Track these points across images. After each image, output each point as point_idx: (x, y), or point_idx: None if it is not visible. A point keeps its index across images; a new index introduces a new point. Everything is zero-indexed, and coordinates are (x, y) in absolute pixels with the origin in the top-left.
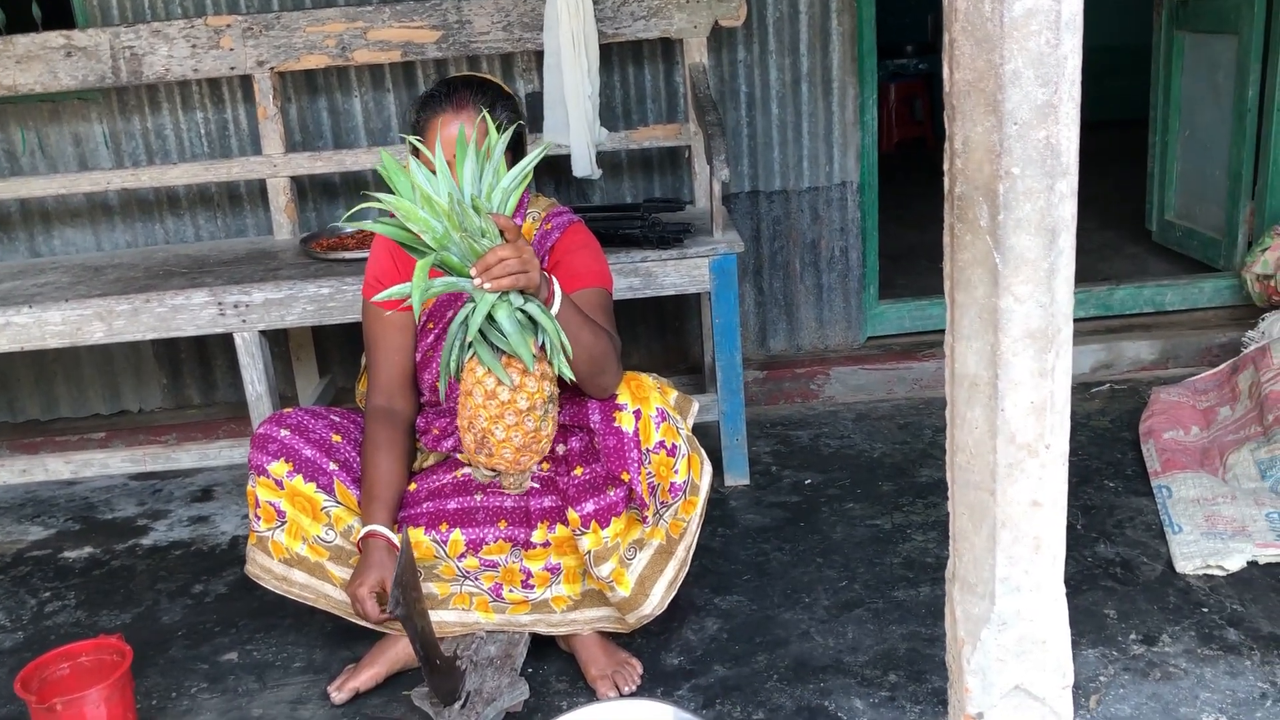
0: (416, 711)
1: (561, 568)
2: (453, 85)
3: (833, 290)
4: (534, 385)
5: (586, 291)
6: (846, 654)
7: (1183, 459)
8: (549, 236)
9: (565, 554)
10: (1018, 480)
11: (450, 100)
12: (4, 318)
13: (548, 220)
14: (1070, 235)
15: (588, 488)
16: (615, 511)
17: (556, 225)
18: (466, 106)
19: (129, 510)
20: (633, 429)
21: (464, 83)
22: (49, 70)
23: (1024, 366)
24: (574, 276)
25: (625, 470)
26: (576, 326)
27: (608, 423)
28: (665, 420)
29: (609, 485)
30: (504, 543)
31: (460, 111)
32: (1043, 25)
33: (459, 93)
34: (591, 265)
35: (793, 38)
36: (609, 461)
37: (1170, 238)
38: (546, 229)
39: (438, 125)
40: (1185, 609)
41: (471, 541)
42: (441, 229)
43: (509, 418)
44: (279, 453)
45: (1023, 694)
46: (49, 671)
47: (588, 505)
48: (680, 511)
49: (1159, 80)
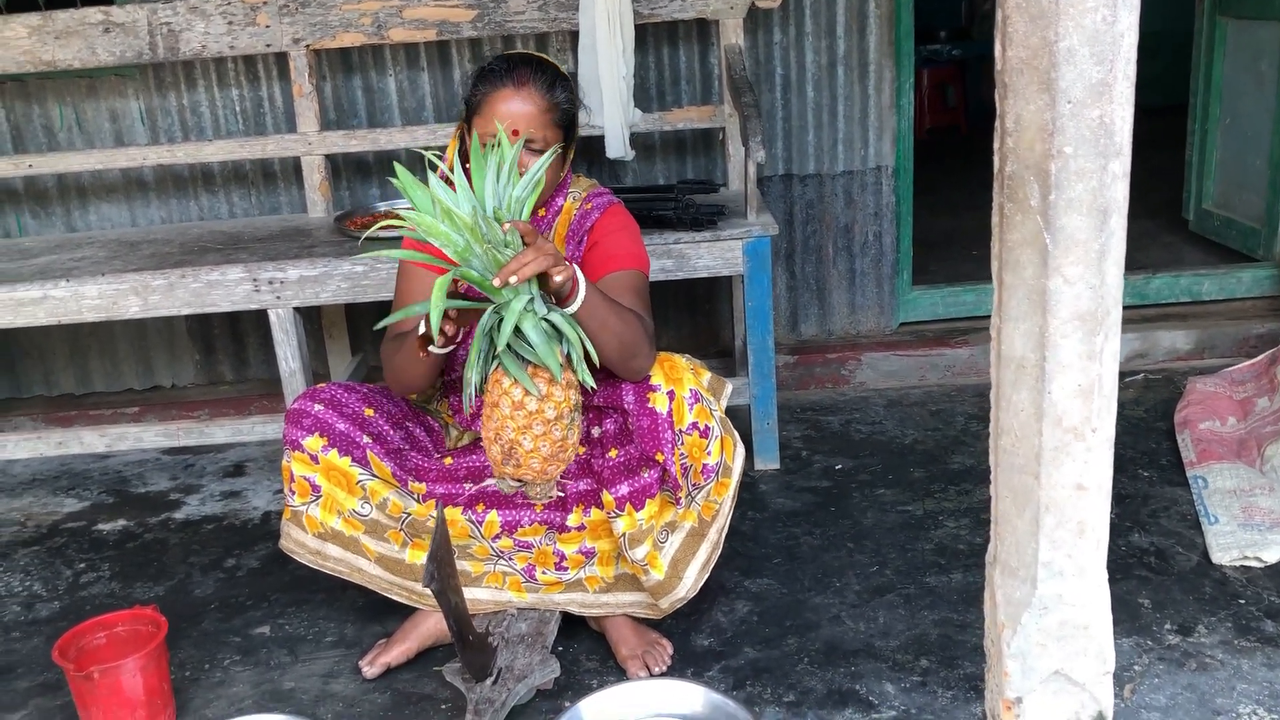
0: (448, 687)
1: (596, 551)
2: (512, 61)
3: (865, 275)
4: (560, 395)
5: (621, 274)
6: (877, 638)
7: (1219, 449)
8: (589, 216)
9: (600, 537)
10: (1063, 464)
11: (511, 76)
12: (42, 291)
13: (588, 200)
14: (1122, 217)
15: (622, 470)
16: (649, 493)
17: (597, 205)
18: (527, 84)
19: (161, 484)
20: (666, 410)
21: (523, 60)
22: (87, 46)
23: (1072, 349)
24: (609, 258)
25: (659, 451)
26: (605, 313)
27: (641, 404)
28: (699, 402)
29: (643, 467)
30: (539, 525)
31: (521, 88)
32: (1099, 2)
33: (519, 69)
34: (628, 247)
35: (829, 20)
36: (643, 442)
37: (1208, 227)
38: (587, 209)
39: (496, 100)
40: (1221, 600)
41: (507, 523)
42: (463, 242)
43: (537, 428)
44: (313, 427)
45: (1062, 679)
46: (86, 640)
47: (622, 488)
48: (713, 494)
49: (1199, 67)
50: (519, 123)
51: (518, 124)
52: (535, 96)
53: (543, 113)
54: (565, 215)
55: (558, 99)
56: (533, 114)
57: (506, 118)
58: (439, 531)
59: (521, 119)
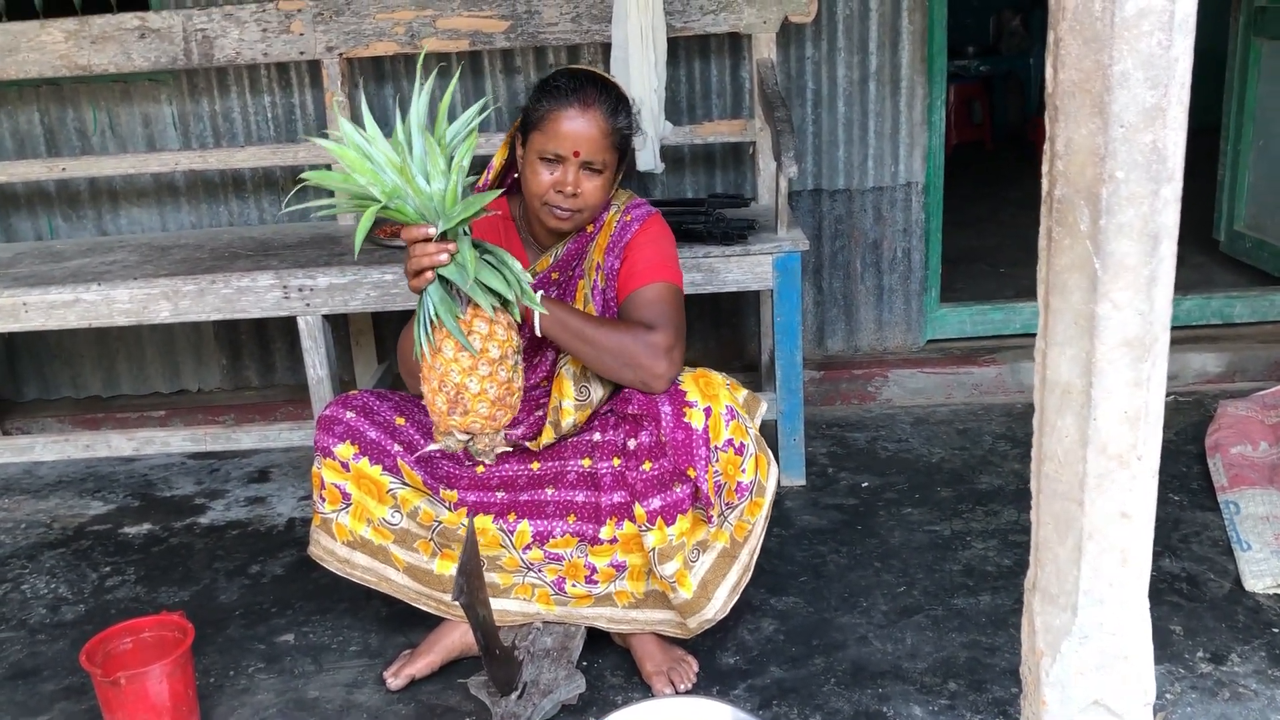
0: (472, 699)
1: (627, 565)
2: (579, 80)
3: (893, 292)
4: (503, 333)
5: (644, 290)
6: (905, 660)
7: (1251, 475)
8: (627, 229)
9: (631, 551)
10: (1107, 491)
11: (578, 96)
12: (74, 294)
13: (627, 212)
14: (1172, 242)
15: (655, 483)
16: (681, 509)
17: (636, 217)
18: (592, 106)
19: (187, 489)
20: (702, 426)
21: (589, 79)
22: (122, 51)
23: (1119, 375)
24: (634, 275)
25: (692, 467)
26: (570, 336)
27: (677, 418)
28: (734, 419)
29: (676, 482)
30: (571, 537)
31: (586, 110)
32: (1154, 26)
33: (586, 90)
34: (655, 261)
35: (862, 35)
36: (676, 457)
37: (1239, 249)
38: (626, 220)
39: (561, 119)
40: (1255, 628)
41: (539, 533)
42: (392, 182)
43: (482, 368)
44: (345, 435)
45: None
46: (112, 645)
47: (654, 501)
48: (746, 513)
49: (1233, 88)
50: (580, 144)
51: (579, 145)
52: (599, 119)
53: (604, 136)
54: (607, 227)
55: (620, 124)
56: (595, 137)
57: (569, 138)
58: (468, 544)
59: (584, 141)
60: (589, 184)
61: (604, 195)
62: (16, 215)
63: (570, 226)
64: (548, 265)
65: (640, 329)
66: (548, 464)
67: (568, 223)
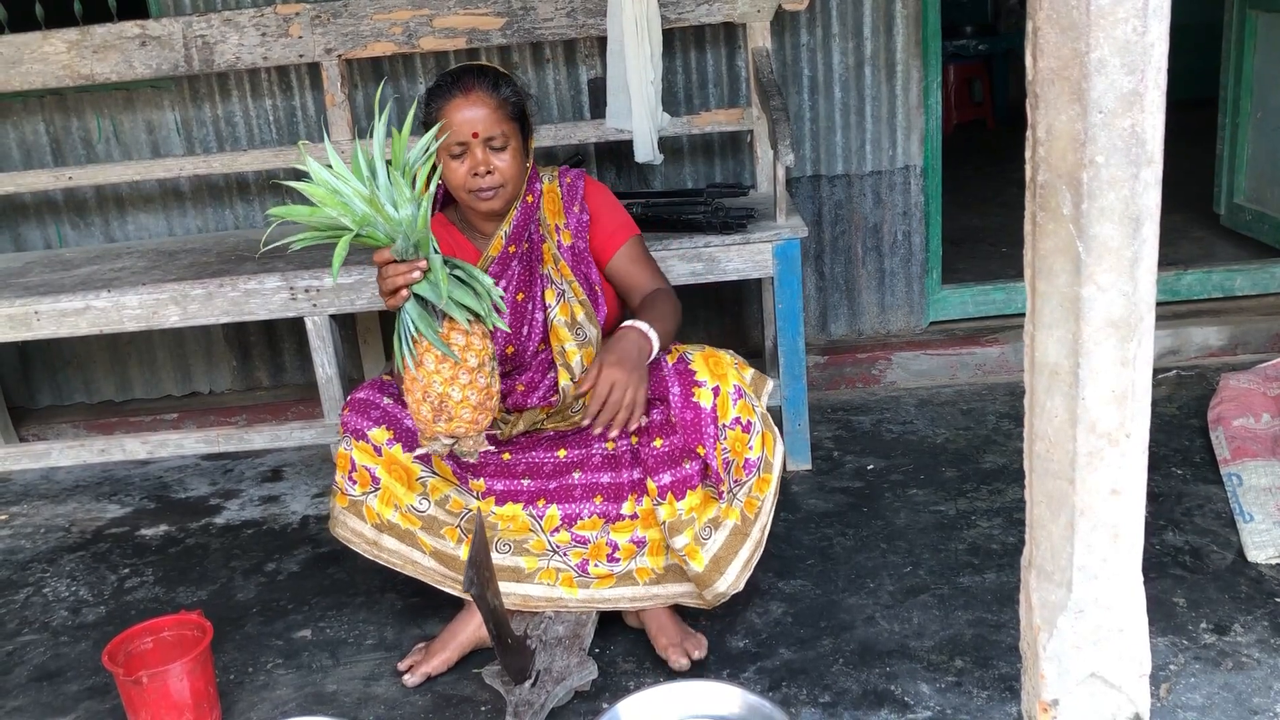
0: (487, 689)
1: (647, 541)
2: (454, 74)
3: (895, 275)
4: (479, 343)
5: (629, 246)
6: (912, 639)
7: (1254, 447)
8: (575, 188)
9: (650, 526)
10: (1097, 469)
11: (458, 85)
12: (84, 301)
13: (563, 176)
14: (1154, 224)
15: (666, 459)
16: (690, 484)
17: (575, 176)
18: (473, 89)
19: (201, 489)
20: (710, 405)
21: (464, 69)
22: (124, 59)
23: (1105, 355)
24: (615, 233)
25: (701, 444)
26: (668, 337)
27: (686, 397)
28: (742, 397)
29: (685, 458)
30: (597, 518)
31: (469, 93)
32: (1130, 13)
33: (463, 78)
34: (621, 218)
35: (856, 21)
36: (686, 435)
37: (1239, 221)
38: (568, 182)
39: (450, 110)
40: (1258, 599)
41: (567, 516)
42: (361, 210)
43: (463, 376)
44: (381, 419)
45: (1099, 681)
46: (133, 645)
47: (665, 477)
48: (754, 489)
49: (1230, 60)
50: (476, 125)
51: (475, 127)
52: (483, 97)
53: (494, 110)
54: (550, 195)
55: (504, 95)
56: (486, 115)
57: (463, 124)
58: (478, 536)
59: (478, 122)
60: (499, 160)
61: (518, 165)
62: (25, 224)
63: (501, 204)
64: (501, 246)
65: (663, 294)
66: (574, 451)
67: (496, 200)
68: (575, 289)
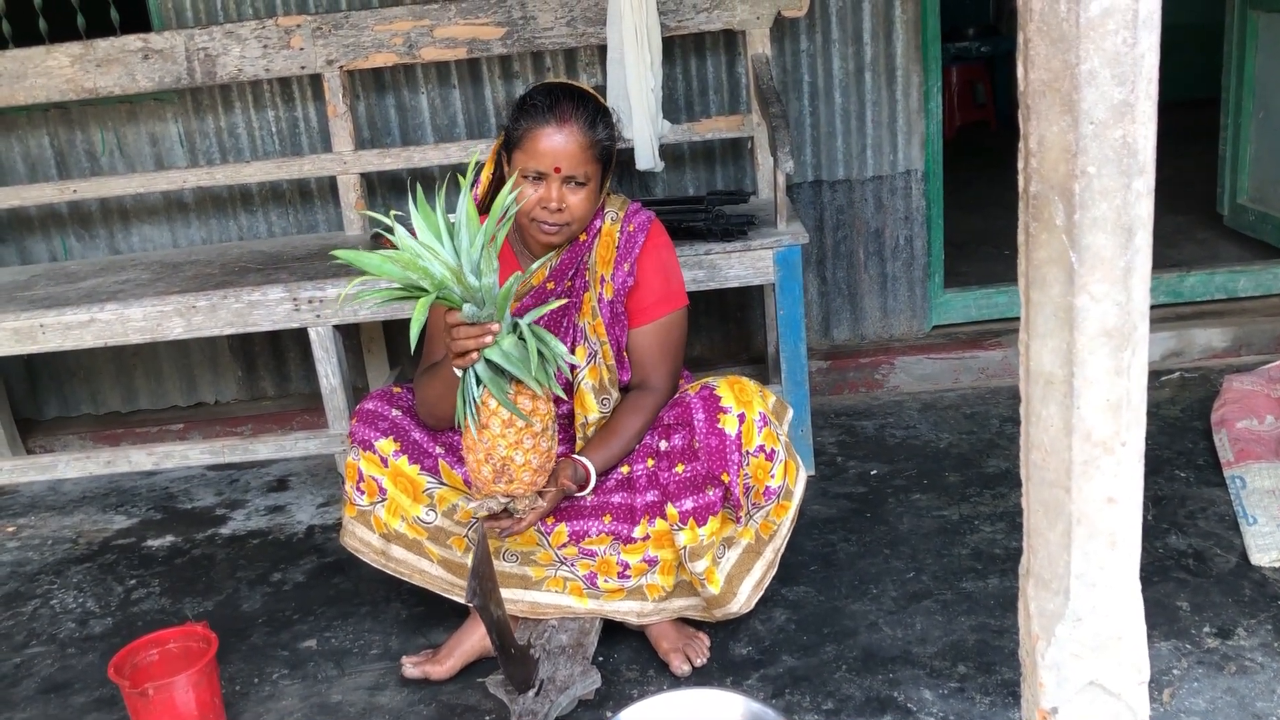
0: (491, 698)
1: (659, 560)
2: (555, 95)
3: (897, 279)
4: (544, 407)
5: (660, 325)
6: (915, 645)
7: (1257, 449)
8: (634, 240)
9: (663, 547)
10: (1093, 477)
11: (554, 112)
12: (89, 314)
13: (628, 221)
14: (1147, 233)
15: (688, 485)
16: (713, 510)
17: (639, 225)
18: (569, 121)
19: (207, 500)
20: (736, 432)
21: (565, 93)
22: (127, 73)
23: (1100, 364)
24: (645, 309)
25: (725, 471)
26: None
27: (711, 424)
28: (767, 425)
29: (708, 485)
30: (606, 535)
31: (563, 125)
32: (1120, 24)
33: (562, 105)
34: (665, 289)
35: (855, 26)
36: (710, 462)
37: (1243, 222)
38: (630, 230)
39: (540, 137)
40: (1261, 602)
41: (575, 533)
42: (439, 273)
43: (527, 441)
44: (389, 431)
45: (1098, 689)
46: (139, 657)
47: (687, 503)
48: (772, 514)
49: (1231, 60)
50: (560, 160)
51: (559, 161)
52: (577, 134)
53: (584, 150)
54: (606, 237)
55: (599, 135)
56: (574, 152)
57: (549, 155)
58: (480, 547)
59: (564, 157)
60: (574, 198)
61: (591, 207)
62: (31, 237)
63: (560, 240)
64: (543, 276)
65: (645, 407)
66: None
67: (556, 237)
68: (606, 352)
